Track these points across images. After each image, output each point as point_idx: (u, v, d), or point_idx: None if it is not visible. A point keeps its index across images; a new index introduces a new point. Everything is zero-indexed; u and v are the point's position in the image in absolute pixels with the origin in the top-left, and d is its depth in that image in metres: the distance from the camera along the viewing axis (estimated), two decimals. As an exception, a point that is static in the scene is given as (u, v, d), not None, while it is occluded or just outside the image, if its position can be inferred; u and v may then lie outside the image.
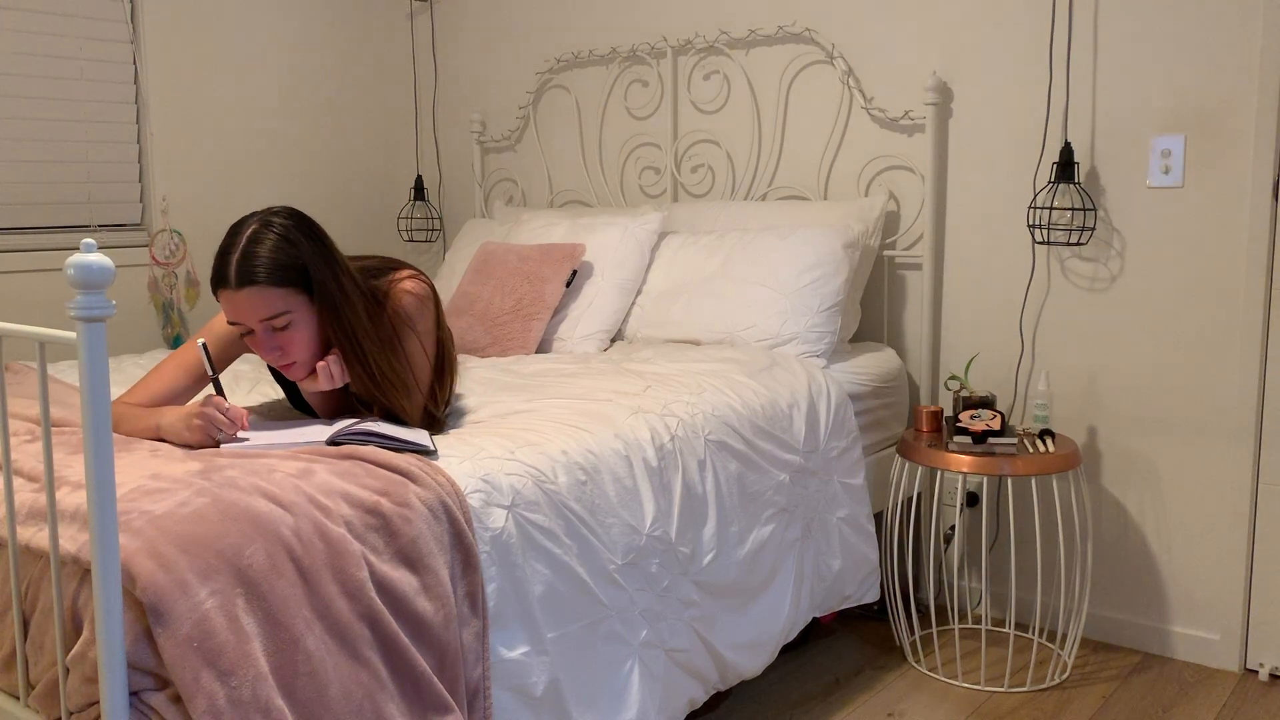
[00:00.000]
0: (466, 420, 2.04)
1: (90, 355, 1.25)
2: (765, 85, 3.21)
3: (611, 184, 3.57)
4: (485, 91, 3.88)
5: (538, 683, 1.71)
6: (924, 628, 2.89)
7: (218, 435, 1.76)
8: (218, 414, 1.75)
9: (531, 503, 1.74)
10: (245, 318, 1.80)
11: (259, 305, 1.78)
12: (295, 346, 1.84)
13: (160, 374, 1.94)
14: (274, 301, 1.79)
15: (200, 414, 1.75)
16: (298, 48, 3.69)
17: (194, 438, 1.76)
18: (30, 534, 1.45)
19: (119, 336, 3.21)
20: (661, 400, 2.16)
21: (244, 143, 3.55)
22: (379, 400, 1.90)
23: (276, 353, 1.84)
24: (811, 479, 2.39)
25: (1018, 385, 2.89)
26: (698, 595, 2.04)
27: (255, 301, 1.78)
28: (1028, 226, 2.79)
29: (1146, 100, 2.63)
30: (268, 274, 1.77)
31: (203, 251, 3.40)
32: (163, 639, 1.28)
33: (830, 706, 2.48)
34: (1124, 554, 2.78)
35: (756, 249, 2.84)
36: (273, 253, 1.78)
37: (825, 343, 2.69)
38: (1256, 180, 2.50)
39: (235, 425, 1.77)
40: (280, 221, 1.82)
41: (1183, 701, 2.49)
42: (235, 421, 1.77)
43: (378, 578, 1.48)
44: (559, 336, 2.91)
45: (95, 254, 1.23)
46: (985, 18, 2.83)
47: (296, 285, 1.80)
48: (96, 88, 3.18)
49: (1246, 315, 2.54)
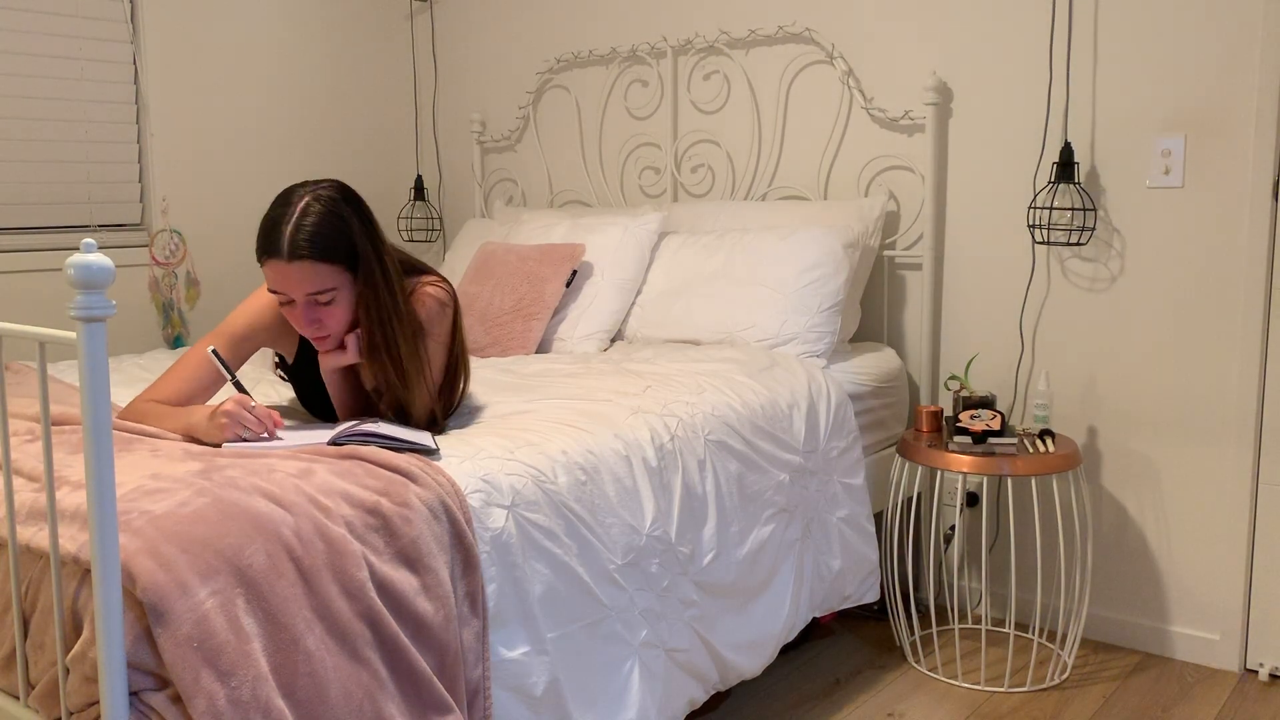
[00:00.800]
0: (466, 420, 2.05)
1: (90, 355, 1.25)
2: (765, 85, 3.21)
3: (611, 184, 3.57)
4: (485, 91, 3.88)
5: (538, 683, 1.71)
6: (924, 628, 2.89)
7: (245, 434, 1.76)
8: (244, 412, 1.76)
9: (531, 503, 1.74)
10: (292, 289, 1.81)
11: (308, 279, 1.79)
12: (333, 320, 1.85)
13: (180, 371, 1.94)
14: (323, 278, 1.80)
15: (225, 413, 1.76)
16: (298, 48, 3.69)
17: (221, 436, 1.77)
18: (30, 534, 1.45)
19: (119, 336, 3.21)
20: (661, 400, 2.16)
21: (244, 143, 3.55)
22: (393, 388, 1.89)
23: (315, 325, 1.85)
24: (811, 479, 2.39)
25: (1018, 385, 2.89)
26: (698, 595, 2.04)
27: (305, 275, 1.79)
28: (1028, 226, 2.79)
29: (1146, 100, 2.63)
30: (321, 250, 1.78)
31: (203, 251, 3.41)
32: (163, 639, 1.28)
33: (830, 706, 2.48)
34: (1124, 554, 2.78)
35: (756, 249, 2.84)
36: (325, 228, 1.79)
37: (825, 343, 2.69)
38: (1256, 180, 2.50)
39: (262, 425, 1.77)
40: (330, 195, 1.83)
41: (1183, 701, 2.49)
42: (264, 420, 1.77)
43: (378, 578, 1.48)
44: (559, 336, 2.91)
45: (95, 254, 1.23)
46: (985, 18, 2.83)
47: (344, 262, 1.82)
48: (96, 88, 3.18)
49: (1246, 315, 2.54)
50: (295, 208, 1.80)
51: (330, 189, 1.84)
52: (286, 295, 1.83)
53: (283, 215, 1.80)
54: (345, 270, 1.83)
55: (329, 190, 1.84)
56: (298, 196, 1.82)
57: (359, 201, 1.87)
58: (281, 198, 1.83)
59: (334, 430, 1.80)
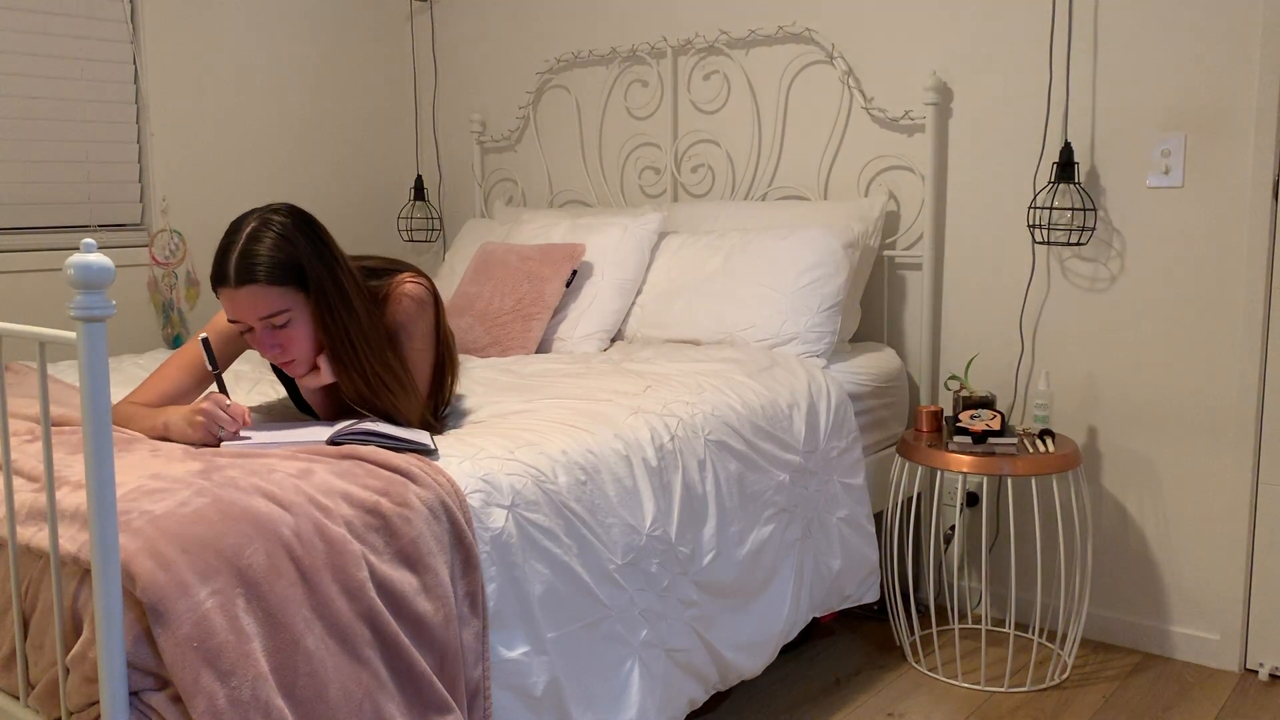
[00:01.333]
0: (466, 420, 2.04)
1: (90, 355, 1.25)
2: (765, 85, 3.21)
3: (611, 184, 3.57)
4: (485, 91, 3.88)
5: (538, 683, 1.71)
6: (924, 628, 2.89)
7: (219, 433, 1.76)
8: (219, 411, 1.76)
9: (531, 503, 1.74)
10: (244, 315, 1.81)
11: (258, 303, 1.79)
12: (294, 344, 1.84)
13: (164, 374, 1.95)
14: (272, 300, 1.79)
15: (201, 411, 1.76)
16: (297, 48, 3.69)
17: (196, 435, 1.77)
18: (30, 534, 1.45)
19: (119, 336, 3.21)
20: (661, 400, 2.16)
21: (244, 143, 3.55)
22: (372, 402, 1.89)
23: (276, 350, 1.84)
24: (811, 479, 2.39)
25: (1018, 385, 2.89)
26: (698, 595, 2.04)
27: (254, 300, 1.78)
28: (1028, 226, 2.79)
29: (1146, 100, 2.63)
30: (266, 273, 1.77)
31: (203, 251, 3.40)
32: (163, 639, 1.28)
33: (830, 706, 2.48)
34: (1124, 554, 2.78)
35: (756, 249, 2.84)
36: (271, 251, 1.78)
37: (825, 343, 2.69)
38: (1256, 180, 2.50)
39: (236, 423, 1.77)
40: (279, 220, 1.82)
41: (1183, 701, 2.49)
42: (236, 419, 1.78)
43: (378, 578, 1.48)
44: (559, 336, 2.91)
45: (95, 254, 1.23)
46: (985, 18, 2.83)
47: (295, 284, 1.80)
48: (96, 88, 3.18)
49: (1247, 315, 2.54)
50: (242, 234, 1.80)
51: (279, 213, 1.83)
52: (243, 322, 1.83)
53: (231, 244, 1.80)
54: (296, 290, 1.81)
55: (278, 214, 1.83)
56: (245, 223, 1.81)
57: (310, 222, 1.85)
58: (232, 227, 1.83)
59: (333, 427, 1.80)
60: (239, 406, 1.80)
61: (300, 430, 1.84)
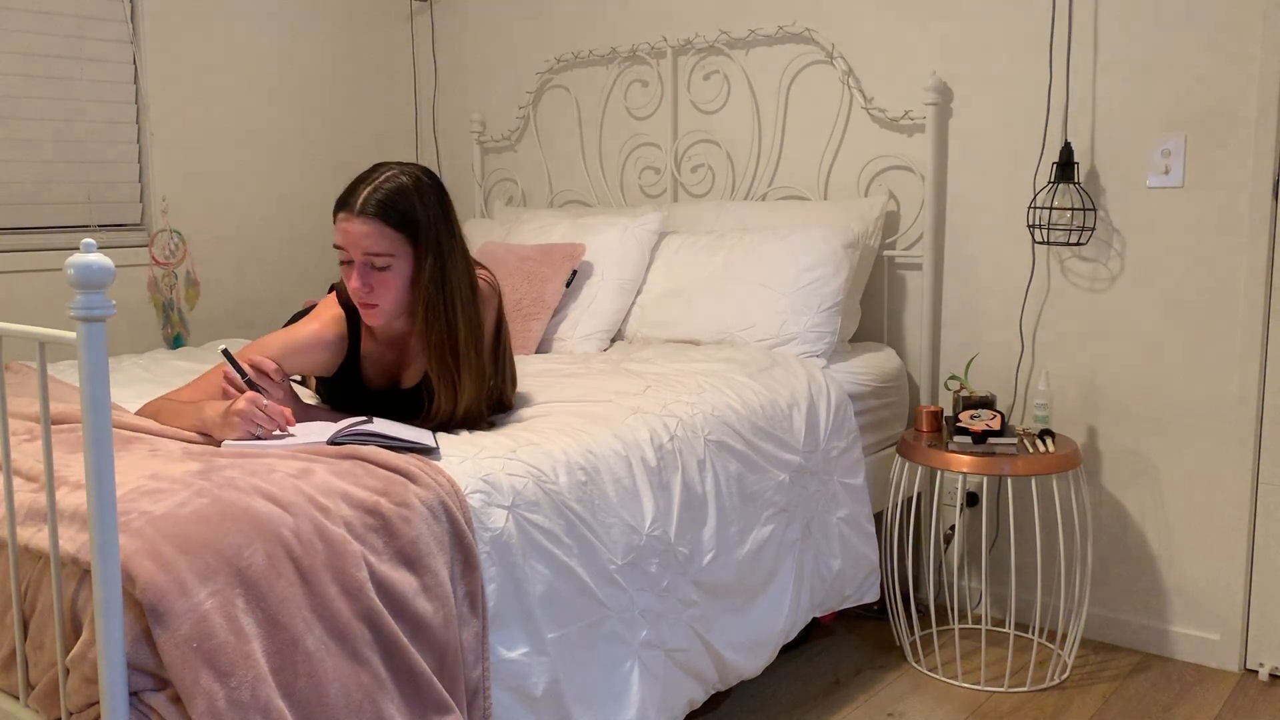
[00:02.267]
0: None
1: (90, 355, 1.24)
2: (765, 85, 3.21)
3: (611, 184, 3.57)
4: (485, 91, 3.88)
5: (537, 683, 1.71)
6: (924, 628, 2.89)
7: (258, 431, 1.77)
8: (256, 410, 1.76)
9: (532, 503, 1.74)
10: (352, 246, 1.88)
11: (369, 239, 1.86)
12: (385, 290, 1.90)
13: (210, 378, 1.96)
14: (383, 241, 1.87)
15: (238, 411, 1.76)
16: (297, 48, 3.69)
17: (233, 433, 1.77)
18: (30, 534, 1.45)
19: (119, 336, 3.21)
20: (661, 400, 2.16)
21: (244, 143, 3.55)
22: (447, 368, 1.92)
23: (366, 289, 1.90)
24: (811, 479, 2.39)
25: (1018, 385, 2.89)
26: (697, 595, 2.04)
27: (367, 234, 1.86)
28: (1028, 226, 2.79)
29: (1146, 100, 2.63)
30: (388, 214, 1.86)
31: (203, 251, 3.40)
32: (162, 639, 1.28)
33: (830, 706, 2.48)
34: (1124, 554, 2.78)
35: (756, 249, 2.84)
36: (397, 197, 1.88)
37: (825, 343, 2.69)
38: (1256, 180, 2.50)
39: (275, 422, 1.78)
40: (413, 173, 1.93)
41: (1183, 701, 2.49)
42: (275, 418, 1.78)
43: (377, 578, 1.48)
44: (559, 336, 2.91)
45: (95, 254, 1.23)
46: (985, 17, 2.83)
47: (407, 232, 1.88)
48: (96, 88, 3.18)
49: (1246, 315, 2.54)
50: (380, 175, 1.91)
51: (417, 169, 1.95)
52: (347, 253, 1.89)
53: (367, 177, 1.91)
54: (406, 241, 1.89)
55: (415, 169, 1.95)
56: (385, 168, 1.93)
57: (440, 188, 1.97)
58: (374, 166, 1.95)
59: (333, 429, 1.80)
60: (277, 406, 1.80)
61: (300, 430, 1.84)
